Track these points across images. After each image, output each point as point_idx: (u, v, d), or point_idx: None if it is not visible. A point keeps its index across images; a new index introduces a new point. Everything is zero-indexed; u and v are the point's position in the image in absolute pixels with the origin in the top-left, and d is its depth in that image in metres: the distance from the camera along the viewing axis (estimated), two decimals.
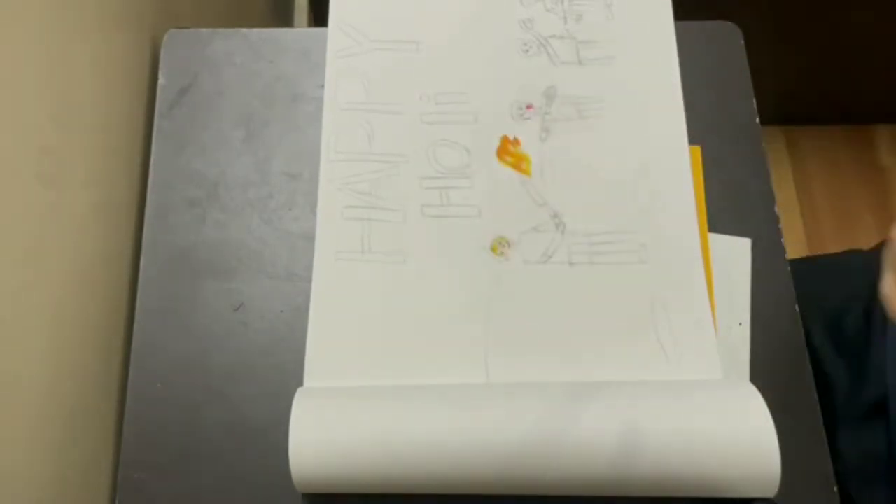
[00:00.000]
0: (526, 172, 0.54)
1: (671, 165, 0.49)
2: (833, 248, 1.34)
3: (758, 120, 0.55)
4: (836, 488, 0.46)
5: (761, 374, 0.48)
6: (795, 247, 1.35)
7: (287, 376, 0.48)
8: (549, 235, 0.52)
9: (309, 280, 0.51)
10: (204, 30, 0.58)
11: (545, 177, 0.53)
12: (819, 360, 0.58)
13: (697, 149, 0.54)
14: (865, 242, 1.05)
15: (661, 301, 0.50)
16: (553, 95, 0.56)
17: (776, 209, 0.53)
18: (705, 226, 0.52)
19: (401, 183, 0.53)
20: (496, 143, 0.55)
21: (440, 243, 0.52)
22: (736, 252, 0.51)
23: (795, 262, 0.55)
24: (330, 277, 0.51)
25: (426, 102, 0.55)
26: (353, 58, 0.57)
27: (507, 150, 0.54)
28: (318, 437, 0.43)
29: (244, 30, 0.58)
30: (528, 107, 0.55)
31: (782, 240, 0.52)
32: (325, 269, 0.51)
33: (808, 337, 0.55)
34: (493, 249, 0.52)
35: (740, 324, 0.50)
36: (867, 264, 0.56)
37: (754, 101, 0.56)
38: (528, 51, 0.57)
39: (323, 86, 0.56)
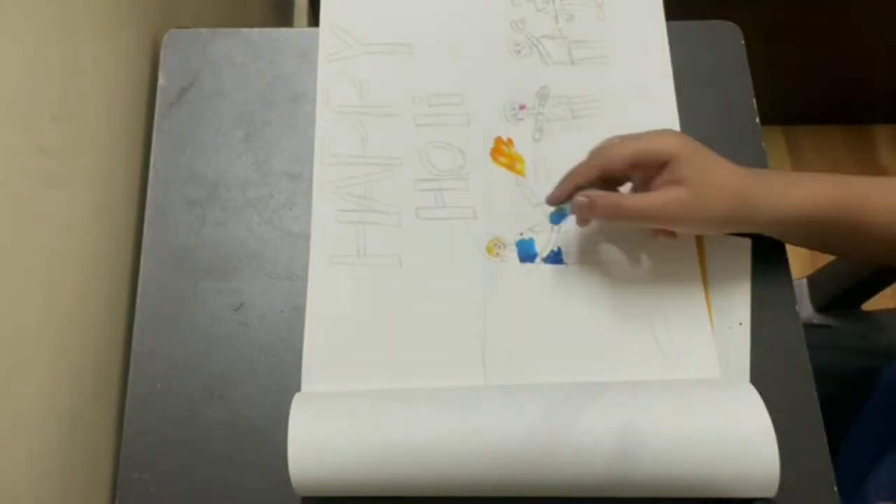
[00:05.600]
0: (520, 173, 0.54)
1: None
2: None
3: (758, 120, 0.55)
4: (835, 488, 0.46)
5: (761, 374, 0.48)
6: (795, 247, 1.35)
7: (287, 376, 0.48)
8: (544, 236, 0.52)
9: None
10: (204, 30, 0.58)
11: (539, 177, 0.53)
12: None
13: None
14: None
15: (658, 300, 0.50)
16: (546, 96, 0.56)
17: None
18: None
19: (395, 186, 0.53)
20: (490, 144, 0.55)
21: (435, 246, 0.52)
22: (736, 252, 0.51)
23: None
24: (325, 282, 0.50)
25: (419, 105, 0.55)
26: (344, 61, 0.57)
27: (501, 151, 0.54)
28: (316, 442, 0.43)
29: (244, 30, 0.58)
30: (522, 107, 0.56)
31: None
32: (320, 274, 0.51)
33: None
34: (488, 251, 0.52)
35: (740, 324, 0.50)
36: None
37: (754, 101, 0.56)
38: (520, 51, 0.57)
39: None
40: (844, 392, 0.50)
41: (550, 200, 0.49)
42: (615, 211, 0.46)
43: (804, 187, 0.46)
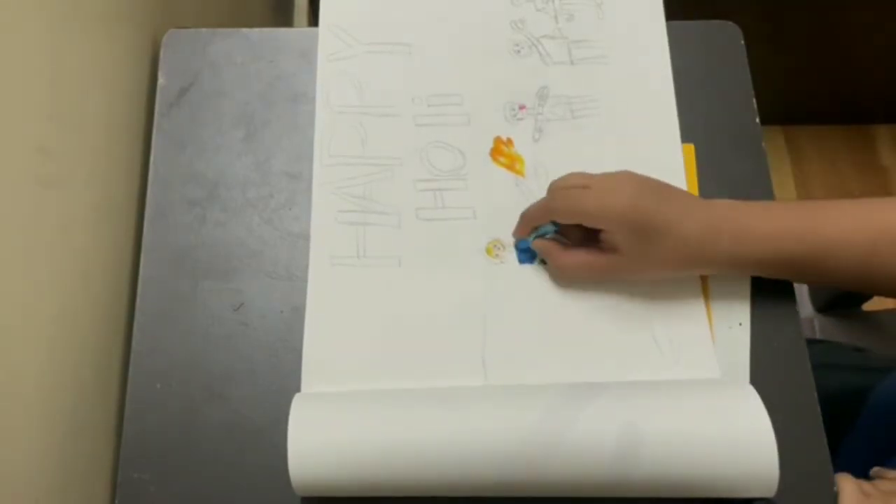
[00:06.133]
0: (520, 173, 0.54)
1: (665, 164, 0.49)
2: None
3: (758, 120, 0.55)
4: (835, 488, 0.46)
5: (761, 374, 0.48)
6: None
7: (287, 377, 0.48)
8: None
9: None
10: (204, 30, 0.58)
11: (539, 177, 0.53)
12: None
13: (691, 147, 0.54)
14: None
15: (657, 300, 0.50)
16: (546, 96, 0.56)
17: None
18: None
19: (395, 186, 0.53)
20: (490, 144, 0.55)
21: (435, 246, 0.52)
22: None
23: None
24: (325, 283, 0.50)
25: (419, 105, 0.55)
26: (344, 61, 0.57)
27: (501, 151, 0.54)
28: (316, 442, 0.43)
29: (244, 30, 0.58)
30: (521, 107, 0.56)
31: None
32: (320, 275, 0.51)
33: None
34: (487, 252, 0.52)
35: (740, 324, 0.50)
36: None
37: (754, 101, 0.56)
38: (519, 51, 0.57)
39: None
40: (835, 410, 0.50)
41: (514, 235, 0.52)
42: (557, 265, 0.49)
43: (758, 239, 0.45)
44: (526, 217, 0.50)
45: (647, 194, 0.45)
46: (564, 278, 0.50)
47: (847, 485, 0.46)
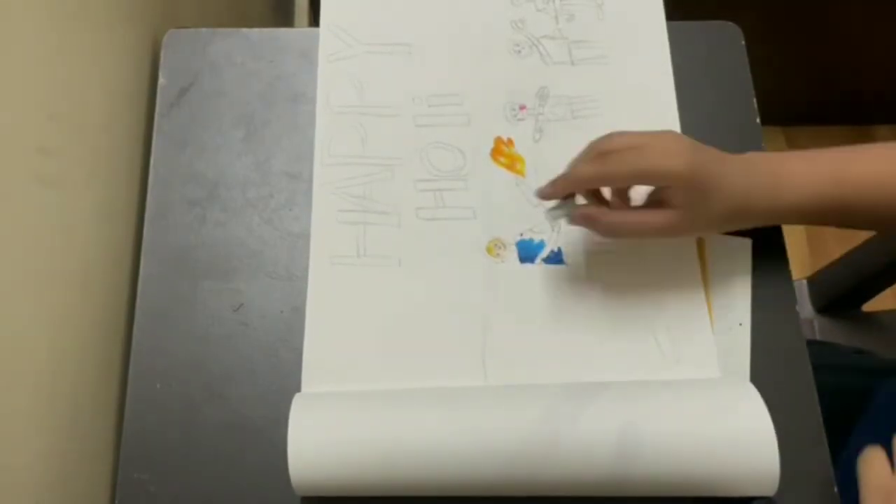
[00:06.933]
0: (520, 173, 0.54)
1: None
2: (833, 247, 1.34)
3: (758, 120, 0.55)
4: (835, 488, 0.46)
5: (761, 374, 0.48)
6: (795, 247, 1.35)
7: (287, 377, 0.48)
8: (544, 236, 0.52)
9: None
10: (204, 30, 0.58)
11: (539, 177, 0.53)
12: None
13: None
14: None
15: (658, 300, 0.50)
16: (546, 96, 0.56)
17: None
18: None
19: (395, 186, 0.53)
20: (490, 144, 0.55)
21: (435, 246, 0.52)
22: (736, 252, 0.51)
23: None
24: (326, 282, 0.51)
25: (419, 105, 0.55)
26: (344, 61, 0.57)
27: (501, 151, 0.54)
28: (316, 442, 0.43)
29: (244, 30, 0.58)
30: (522, 108, 0.56)
31: (782, 240, 0.52)
32: (320, 274, 0.51)
33: None
34: (488, 251, 0.52)
35: (740, 324, 0.50)
36: None
37: (754, 101, 0.56)
38: (520, 51, 0.57)
39: None
40: (835, 412, 0.50)
41: (541, 194, 0.48)
42: (612, 230, 0.47)
43: (795, 187, 0.46)
44: (572, 180, 0.47)
45: (701, 152, 0.46)
46: (614, 236, 0.48)
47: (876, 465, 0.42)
